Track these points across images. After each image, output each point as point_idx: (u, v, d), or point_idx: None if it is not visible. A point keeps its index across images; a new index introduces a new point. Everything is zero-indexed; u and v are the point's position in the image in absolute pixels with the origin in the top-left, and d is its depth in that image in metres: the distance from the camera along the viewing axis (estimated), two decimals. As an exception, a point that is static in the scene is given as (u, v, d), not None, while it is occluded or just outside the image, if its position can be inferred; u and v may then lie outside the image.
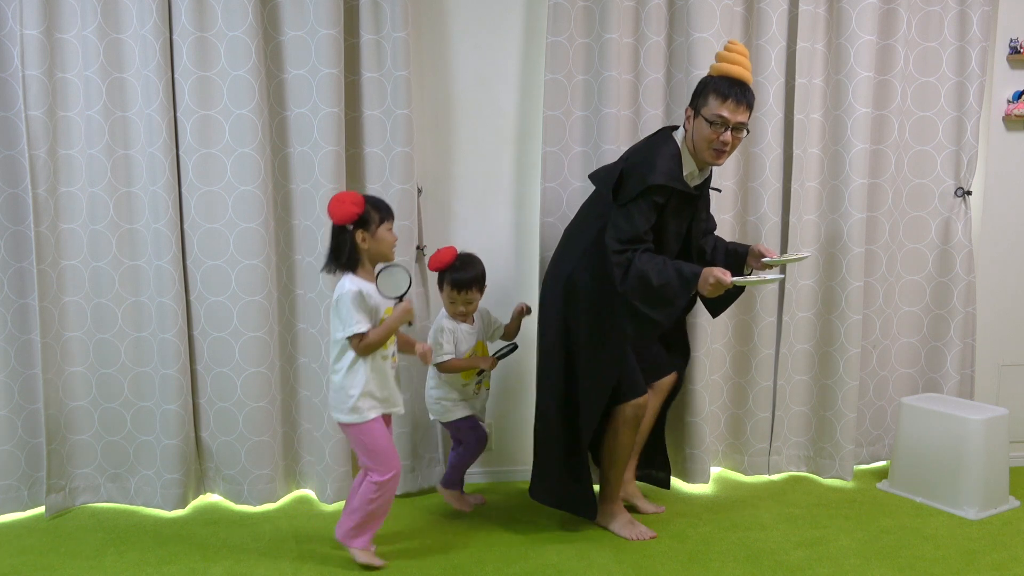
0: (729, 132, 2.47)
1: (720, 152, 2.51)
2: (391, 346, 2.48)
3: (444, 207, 3.09)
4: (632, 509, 2.85)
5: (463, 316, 2.81)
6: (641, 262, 2.44)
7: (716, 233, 2.90)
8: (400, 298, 2.43)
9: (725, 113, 2.45)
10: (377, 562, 2.48)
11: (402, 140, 2.88)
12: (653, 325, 2.52)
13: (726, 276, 2.43)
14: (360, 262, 2.42)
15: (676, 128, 2.63)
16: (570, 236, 2.73)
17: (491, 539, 2.69)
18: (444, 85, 3.06)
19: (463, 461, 2.91)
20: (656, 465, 3.02)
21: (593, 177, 2.72)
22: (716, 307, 2.78)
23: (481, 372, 2.85)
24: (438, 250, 2.80)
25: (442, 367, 2.78)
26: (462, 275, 2.75)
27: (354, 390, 2.39)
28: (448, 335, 2.78)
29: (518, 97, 3.09)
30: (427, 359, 2.58)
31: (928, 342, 3.35)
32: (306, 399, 3.02)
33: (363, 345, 2.37)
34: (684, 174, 2.55)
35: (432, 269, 2.81)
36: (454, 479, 2.93)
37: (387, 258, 2.45)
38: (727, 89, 2.45)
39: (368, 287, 2.39)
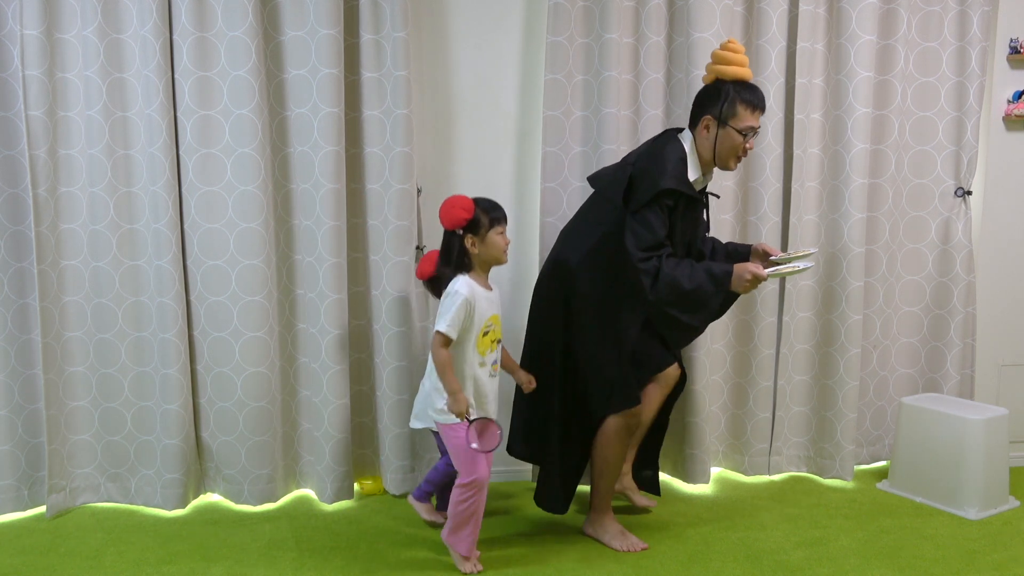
0: (751, 140, 2.51)
1: (740, 159, 2.54)
2: (490, 355, 2.48)
3: (444, 207, 3.09)
4: (624, 499, 2.85)
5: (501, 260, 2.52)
6: (669, 267, 2.42)
7: (716, 234, 2.90)
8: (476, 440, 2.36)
9: (755, 123, 2.48)
10: (476, 568, 2.46)
11: (402, 140, 2.88)
12: (688, 330, 2.50)
13: (760, 270, 2.41)
14: (471, 266, 2.43)
15: (680, 130, 2.61)
16: (568, 237, 2.68)
17: (490, 540, 2.69)
18: (444, 85, 3.06)
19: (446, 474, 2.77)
20: (648, 464, 2.96)
21: (593, 181, 2.69)
22: (686, 339, 2.77)
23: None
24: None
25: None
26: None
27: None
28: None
29: (518, 97, 3.10)
30: (529, 387, 2.61)
31: (928, 342, 3.35)
32: (306, 399, 3.02)
33: (435, 347, 2.36)
34: (691, 178, 2.53)
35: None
36: (429, 491, 2.83)
37: (499, 261, 2.46)
38: (754, 98, 2.48)
39: (479, 292, 2.41)
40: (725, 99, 2.47)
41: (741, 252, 2.71)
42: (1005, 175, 3.32)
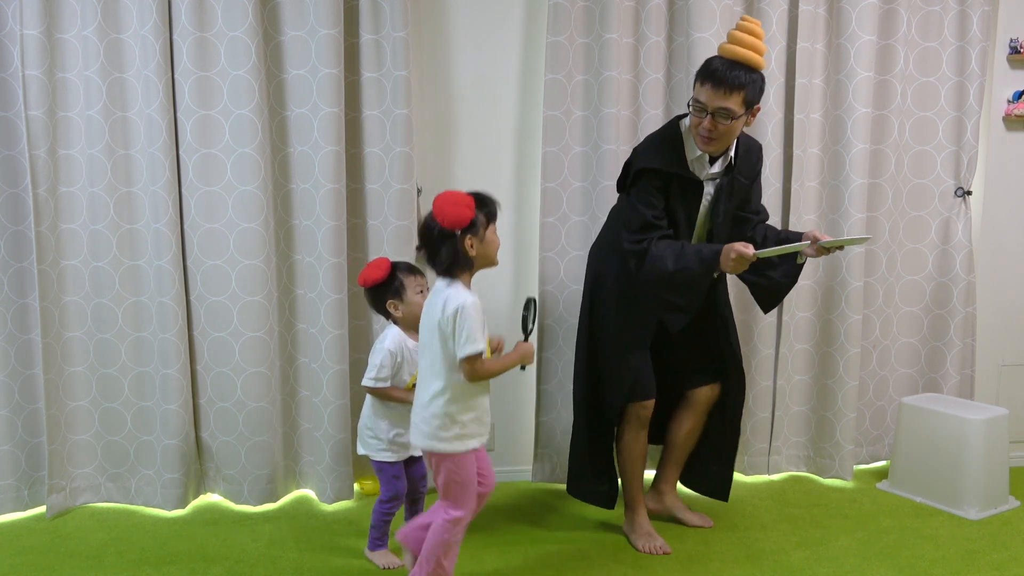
0: (709, 118, 2.31)
1: (706, 139, 2.36)
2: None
3: (444, 207, 3.09)
4: (678, 522, 2.82)
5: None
6: (658, 249, 2.38)
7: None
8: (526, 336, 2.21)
9: (702, 98, 2.30)
10: None
11: (402, 140, 2.88)
12: (678, 311, 2.47)
13: (747, 249, 2.31)
14: (467, 270, 2.10)
15: (685, 116, 2.54)
16: (600, 237, 2.75)
17: (491, 539, 2.69)
18: (444, 85, 3.06)
19: (380, 516, 2.54)
20: (700, 474, 2.90)
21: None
22: (768, 300, 2.64)
23: None
24: (370, 265, 2.50)
25: (375, 391, 2.45)
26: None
27: (464, 416, 2.09)
28: (389, 359, 2.42)
29: (518, 97, 3.09)
30: (529, 359, 2.19)
31: (928, 342, 3.35)
32: (306, 399, 3.02)
33: (476, 369, 2.05)
34: (689, 159, 2.46)
35: (366, 283, 2.46)
36: (380, 539, 2.55)
37: (493, 263, 2.15)
38: (707, 72, 2.30)
39: (476, 299, 2.08)
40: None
41: (793, 240, 2.54)
42: (1005, 175, 3.32)
